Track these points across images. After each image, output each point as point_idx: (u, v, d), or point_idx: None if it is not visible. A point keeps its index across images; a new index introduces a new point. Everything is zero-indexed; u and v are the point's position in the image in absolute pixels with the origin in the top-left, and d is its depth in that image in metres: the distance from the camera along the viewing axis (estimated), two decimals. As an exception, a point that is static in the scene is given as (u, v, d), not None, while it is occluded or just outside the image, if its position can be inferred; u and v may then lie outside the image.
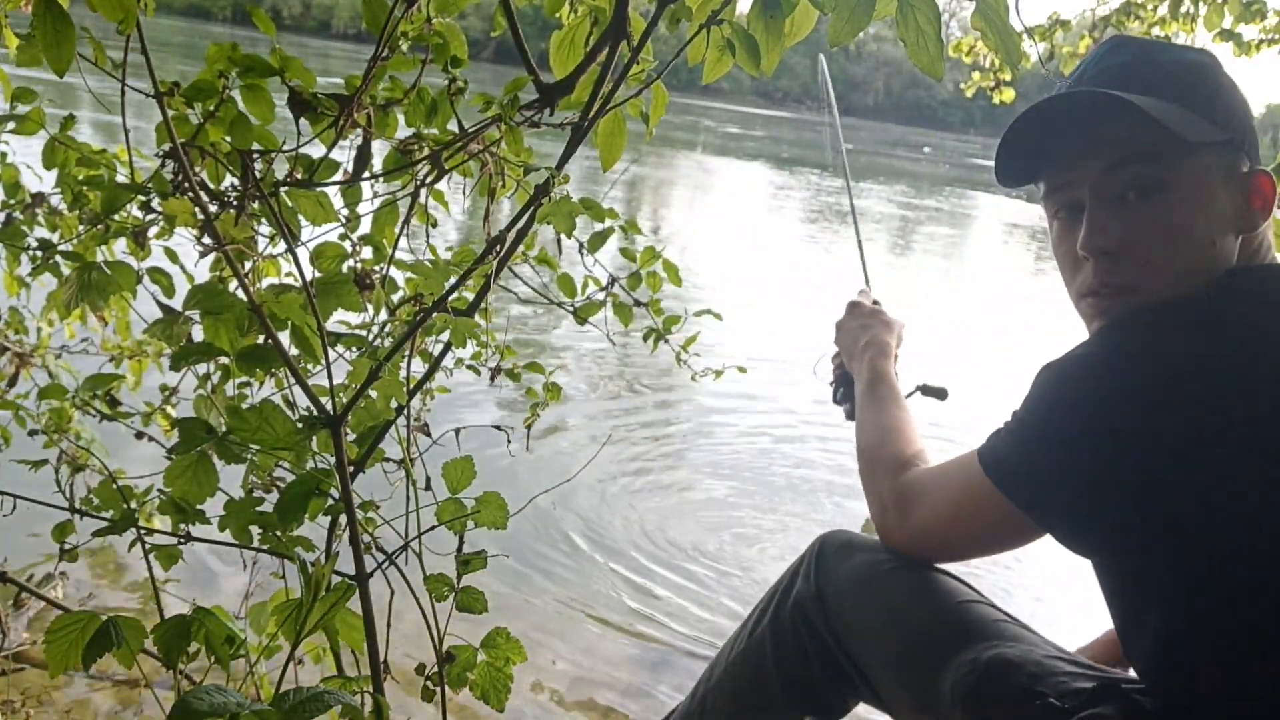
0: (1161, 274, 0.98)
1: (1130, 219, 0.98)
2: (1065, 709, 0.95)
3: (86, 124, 8.20)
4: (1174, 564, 0.90)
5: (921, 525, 1.14)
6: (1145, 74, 1.00)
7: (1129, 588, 0.98)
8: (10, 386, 1.77)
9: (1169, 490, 0.88)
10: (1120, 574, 0.98)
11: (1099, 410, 0.91)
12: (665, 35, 1.08)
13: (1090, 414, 0.92)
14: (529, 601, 2.28)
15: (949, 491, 1.11)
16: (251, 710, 0.67)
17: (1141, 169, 0.98)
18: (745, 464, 3.40)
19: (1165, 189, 0.97)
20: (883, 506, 1.20)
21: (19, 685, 1.68)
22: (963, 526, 1.09)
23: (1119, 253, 0.99)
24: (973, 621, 1.10)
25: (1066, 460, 0.93)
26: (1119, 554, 0.96)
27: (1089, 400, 0.92)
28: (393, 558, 1.08)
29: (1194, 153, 0.97)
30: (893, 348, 1.42)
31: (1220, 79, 1.02)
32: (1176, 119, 0.94)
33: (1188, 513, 0.88)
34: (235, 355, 1.07)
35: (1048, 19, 3.74)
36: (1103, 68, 1.04)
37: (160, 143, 1.08)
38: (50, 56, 0.93)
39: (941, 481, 1.13)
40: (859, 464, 1.28)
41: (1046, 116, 1.02)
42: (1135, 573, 0.95)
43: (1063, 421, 0.94)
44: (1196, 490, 0.87)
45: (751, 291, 6.44)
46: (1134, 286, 0.99)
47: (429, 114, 1.17)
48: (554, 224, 1.09)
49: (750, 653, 1.28)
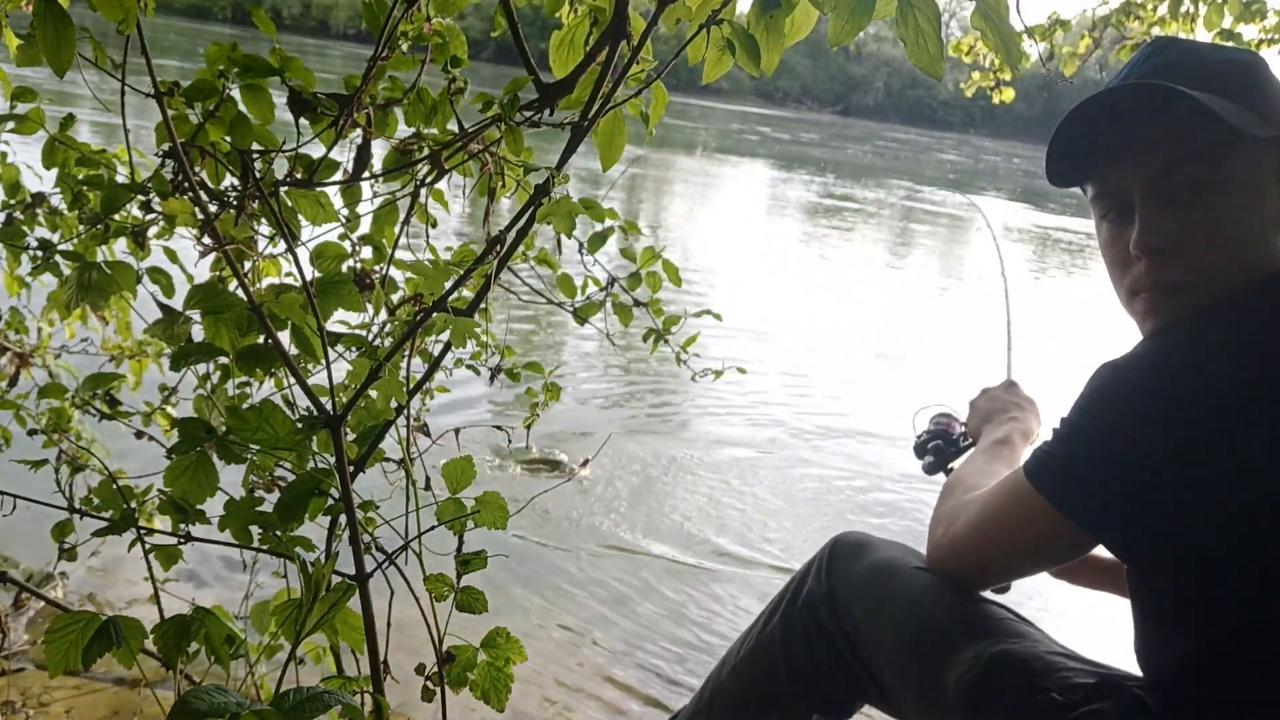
0: (1212, 273, 0.97)
1: (1182, 218, 0.97)
2: (1066, 703, 0.95)
3: (86, 124, 8.19)
4: (1228, 579, 0.89)
5: (959, 536, 1.11)
6: (1192, 71, 0.99)
7: (1180, 599, 0.95)
8: (11, 386, 1.77)
9: (1225, 497, 0.87)
10: (1169, 586, 0.96)
11: (1160, 418, 0.89)
12: (665, 35, 1.08)
13: (1151, 423, 0.90)
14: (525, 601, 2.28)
15: (994, 501, 1.07)
16: (251, 710, 0.67)
17: (1194, 169, 0.96)
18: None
19: (1217, 187, 0.96)
20: (938, 520, 1.17)
21: (19, 685, 1.68)
22: (1004, 538, 1.05)
23: (1171, 252, 0.98)
24: (978, 619, 1.10)
25: (1123, 468, 0.91)
26: (1170, 564, 0.94)
27: (1149, 408, 0.90)
28: (393, 558, 1.08)
29: (1245, 149, 0.96)
30: (1033, 437, 1.35)
31: (1267, 76, 1.01)
32: (1230, 112, 0.93)
33: (1245, 521, 0.87)
34: (235, 355, 1.07)
35: (1048, 19, 3.74)
36: (1149, 67, 1.03)
37: (160, 143, 1.08)
38: (51, 57, 0.93)
39: (989, 494, 1.09)
40: (940, 495, 1.23)
41: (1097, 113, 1.00)
42: (1188, 588, 0.93)
43: (1120, 428, 0.92)
44: (1253, 496, 0.87)
45: (752, 292, 6.44)
46: (1185, 285, 0.98)
47: (429, 114, 1.17)
48: (554, 224, 1.09)
49: (760, 650, 1.28)
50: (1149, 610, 1.00)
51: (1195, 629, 0.93)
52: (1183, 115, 0.95)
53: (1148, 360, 0.94)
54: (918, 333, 6.08)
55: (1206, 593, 0.91)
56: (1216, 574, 0.90)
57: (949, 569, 1.14)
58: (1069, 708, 0.95)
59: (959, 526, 1.11)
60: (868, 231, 11.13)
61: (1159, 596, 0.98)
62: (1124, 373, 0.94)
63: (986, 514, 1.08)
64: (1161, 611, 0.98)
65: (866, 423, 4.00)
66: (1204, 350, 0.91)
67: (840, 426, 3.94)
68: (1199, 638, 0.93)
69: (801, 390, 4.37)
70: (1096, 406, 0.95)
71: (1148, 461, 0.90)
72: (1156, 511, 0.91)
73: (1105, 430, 0.94)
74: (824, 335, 5.57)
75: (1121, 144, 1.01)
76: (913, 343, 5.75)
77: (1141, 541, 0.95)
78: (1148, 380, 0.92)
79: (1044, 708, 0.96)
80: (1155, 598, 0.99)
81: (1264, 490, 0.86)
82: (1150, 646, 1.00)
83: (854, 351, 5.38)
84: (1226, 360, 0.89)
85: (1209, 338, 0.93)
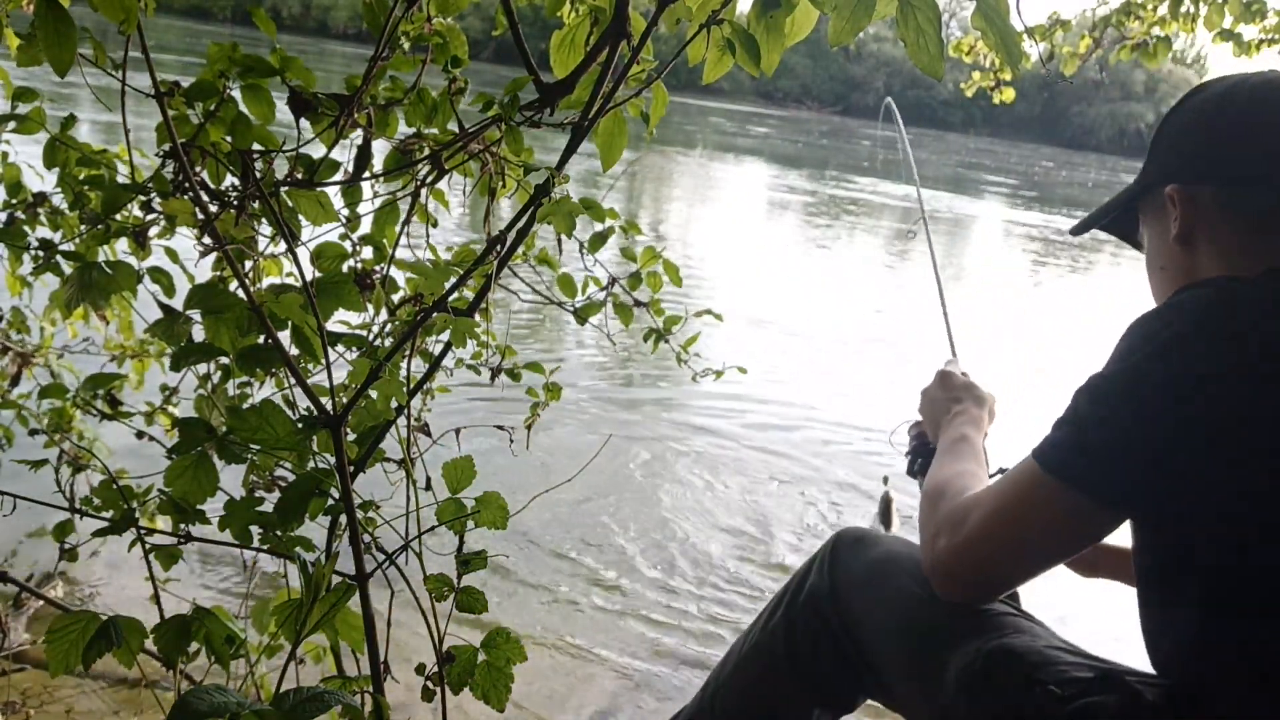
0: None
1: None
2: (1065, 696, 0.95)
3: (86, 124, 8.20)
4: (1241, 551, 0.90)
5: (971, 538, 1.03)
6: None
7: (1197, 569, 0.95)
8: (13, 386, 1.78)
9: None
10: (1174, 559, 0.96)
11: (1184, 389, 0.90)
12: (665, 35, 1.08)
13: (1175, 394, 0.90)
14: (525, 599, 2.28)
15: (1007, 491, 1.02)
16: (251, 710, 0.67)
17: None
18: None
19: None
20: (935, 532, 1.08)
21: (19, 685, 1.68)
22: (1019, 531, 1.01)
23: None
24: (979, 614, 1.10)
25: (1149, 440, 0.92)
26: (1187, 532, 0.94)
27: (1174, 379, 0.91)
28: (393, 558, 1.08)
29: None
30: (985, 423, 1.33)
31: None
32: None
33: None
34: (235, 355, 1.07)
35: (1048, 19, 3.74)
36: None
37: (161, 143, 1.08)
38: (52, 57, 0.93)
39: (996, 489, 1.05)
40: (920, 509, 1.17)
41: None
42: (1200, 557, 0.93)
43: (1147, 398, 0.92)
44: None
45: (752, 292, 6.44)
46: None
47: (429, 114, 1.17)
48: (554, 224, 1.09)
49: (763, 645, 1.29)
50: (1153, 587, 1.00)
51: (1199, 605, 0.93)
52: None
53: (1171, 333, 0.94)
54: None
55: (1217, 564, 0.92)
56: (1228, 547, 0.91)
57: (959, 577, 1.05)
58: (1067, 700, 0.95)
59: (969, 528, 1.03)
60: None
61: (1164, 571, 0.98)
62: (1144, 346, 0.94)
63: (1002, 506, 1.02)
64: (1165, 587, 0.99)
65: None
66: (1219, 329, 0.92)
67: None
68: (1200, 613, 0.93)
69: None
70: (1122, 370, 0.95)
71: (1167, 432, 0.90)
72: (1174, 479, 0.91)
73: (1127, 403, 0.94)
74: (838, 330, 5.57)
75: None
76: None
77: (1164, 508, 0.95)
78: (1168, 356, 0.92)
79: (1042, 701, 0.96)
80: (1161, 573, 0.99)
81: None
82: (1155, 630, 1.00)
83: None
84: (1242, 340, 0.90)
85: (1227, 316, 0.93)
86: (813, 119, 45.12)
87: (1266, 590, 0.90)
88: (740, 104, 47.90)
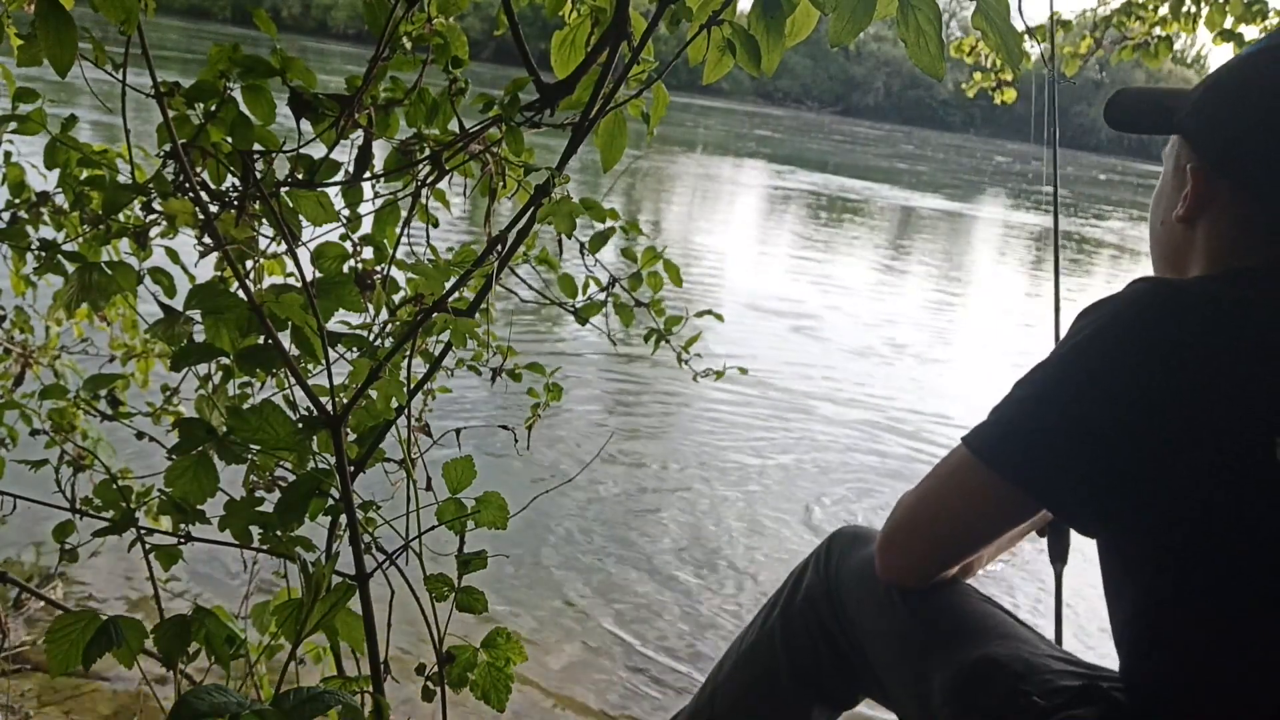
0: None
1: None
2: (1048, 707, 0.95)
3: (87, 124, 8.20)
4: (1173, 549, 0.90)
5: (899, 521, 1.10)
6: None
7: (1132, 569, 0.96)
8: (16, 386, 1.78)
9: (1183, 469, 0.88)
10: (1128, 557, 0.96)
11: (1098, 382, 0.91)
12: (666, 35, 1.08)
13: (1110, 387, 0.90)
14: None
15: (934, 473, 1.07)
16: (251, 710, 0.67)
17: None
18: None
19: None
20: (887, 518, 1.14)
21: (19, 685, 1.68)
22: (941, 509, 1.05)
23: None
24: (967, 618, 1.10)
25: (1070, 433, 0.92)
26: (1125, 534, 0.95)
27: (1090, 372, 0.92)
28: (393, 558, 1.08)
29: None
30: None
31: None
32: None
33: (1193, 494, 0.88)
34: (236, 355, 1.07)
35: (1048, 19, 3.73)
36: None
37: (161, 143, 1.08)
38: (52, 57, 0.93)
39: (930, 472, 1.09)
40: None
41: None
42: (1144, 559, 0.94)
43: (1073, 387, 0.93)
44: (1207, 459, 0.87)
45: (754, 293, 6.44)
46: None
47: (430, 114, 1.17)
48: (554, 224, 1.09)
49: (761, 644, 1.29)
50: (1106, 588, 1.01)
51: (1135, 608, 0.94)
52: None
53: (1111, 326, 0.94)
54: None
55: (1155, 566, 0.92)
56: (1168, 544, 0.90)
57: (889, 555, 1.11)
58: (1049, 712, 0.95)
59: (902, 507, 1.10)
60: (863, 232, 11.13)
61: (1108, 572, 0.99)
62: (1088, 335, 0.94)
63: (929, 486, 1.07)
64: (1109, 589, 0.99)
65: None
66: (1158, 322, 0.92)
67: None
68: (1138, 617, 0.94)
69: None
70: (1065, 356, 0.96)
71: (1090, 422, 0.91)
72: (1085, 473, 0.92)
73: (1053, 391, 0.95)
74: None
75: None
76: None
77: (1084, 504, 0.95)
78: (1104, 350, 0.92)
79: (1026, 711, 0.96)
80: (1105, 575, 1.00)
81: (1216, 455, 0.86)
82: (1114, 632, 1.01)
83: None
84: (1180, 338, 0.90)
85: (1170, 310, 0.93)
86: (813, 119, 45.09)
87: (1199, 594, 0.89)
88: (740, 104, 47.88)
